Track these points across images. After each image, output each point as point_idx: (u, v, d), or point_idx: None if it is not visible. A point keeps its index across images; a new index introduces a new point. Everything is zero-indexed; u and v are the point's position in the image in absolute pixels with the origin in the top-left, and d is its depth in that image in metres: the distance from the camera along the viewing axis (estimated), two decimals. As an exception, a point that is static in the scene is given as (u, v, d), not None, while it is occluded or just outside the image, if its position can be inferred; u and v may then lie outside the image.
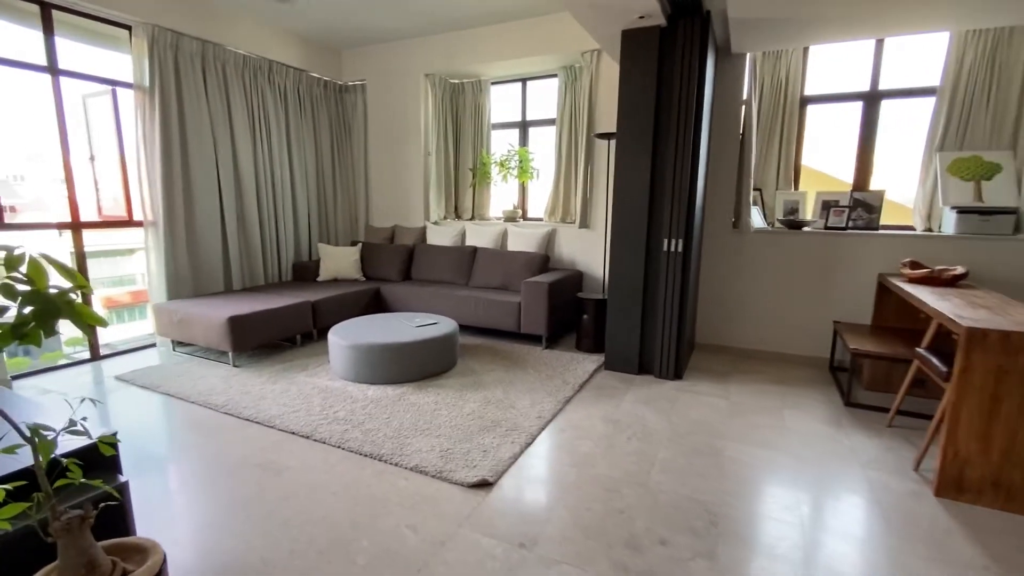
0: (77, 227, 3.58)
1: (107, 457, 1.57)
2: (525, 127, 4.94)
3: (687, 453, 2.37)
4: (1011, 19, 3.02)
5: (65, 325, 1.17)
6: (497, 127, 5.05)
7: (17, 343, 1.12)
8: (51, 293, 1.14)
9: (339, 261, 4.83)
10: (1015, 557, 1.69)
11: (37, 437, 1.12)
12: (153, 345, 4.05)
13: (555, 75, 4.62)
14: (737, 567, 1.63)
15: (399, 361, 3.16)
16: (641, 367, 3.44)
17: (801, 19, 3.06)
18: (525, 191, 5.04)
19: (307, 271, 4.83)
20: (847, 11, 2.92)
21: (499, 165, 4.82)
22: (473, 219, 5.18)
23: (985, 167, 3.33)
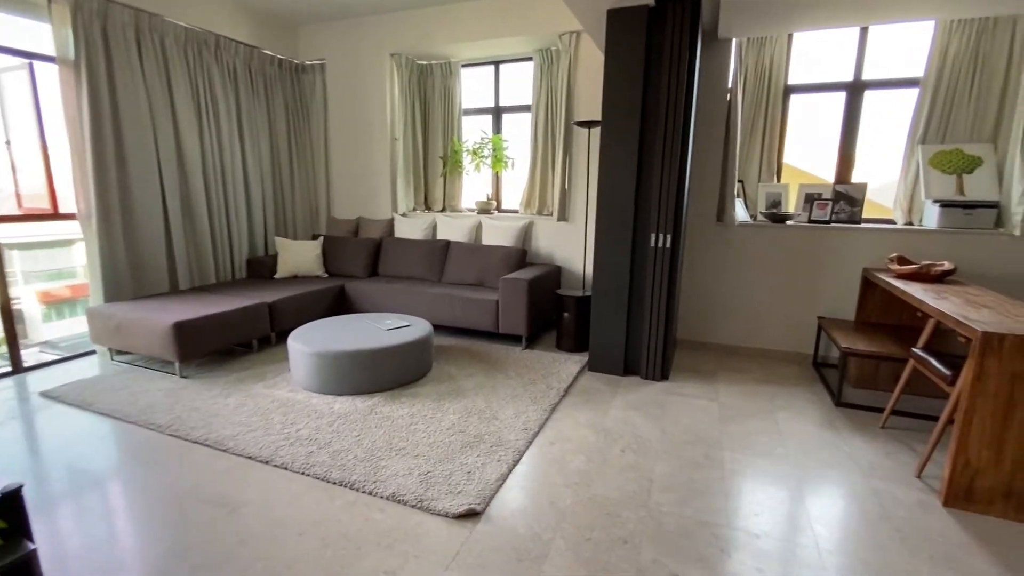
0: (-11, 222, 3.12)
1: (11, 513, 1.26)
2: (499, 113, 4.67)
3: (686, 467, 2.22)
4: (996, 9, 2.96)
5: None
6: (469, 113, 4.77)
7: None
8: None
9: (299, 256, 4.47)
10: (1036, 575, 1.61)
11: None
12: (93, 352, 3.62)
13: (530, 58, 4.37)
14: (757, 604, 1.48)
15: (369, 369, 2.89)
16: (627, 368, 3.29)
17: (790, 1, 2.92)
18: (499, 181, 4.79)
19: (263, 268, 4.45)
20: (841, -5, 2.80)
21: (471, 153, 4.55)
22: (444, 211, 4.90)
23: (967, 160, 3.30)
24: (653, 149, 3.00)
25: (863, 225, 3.49)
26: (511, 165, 4.60)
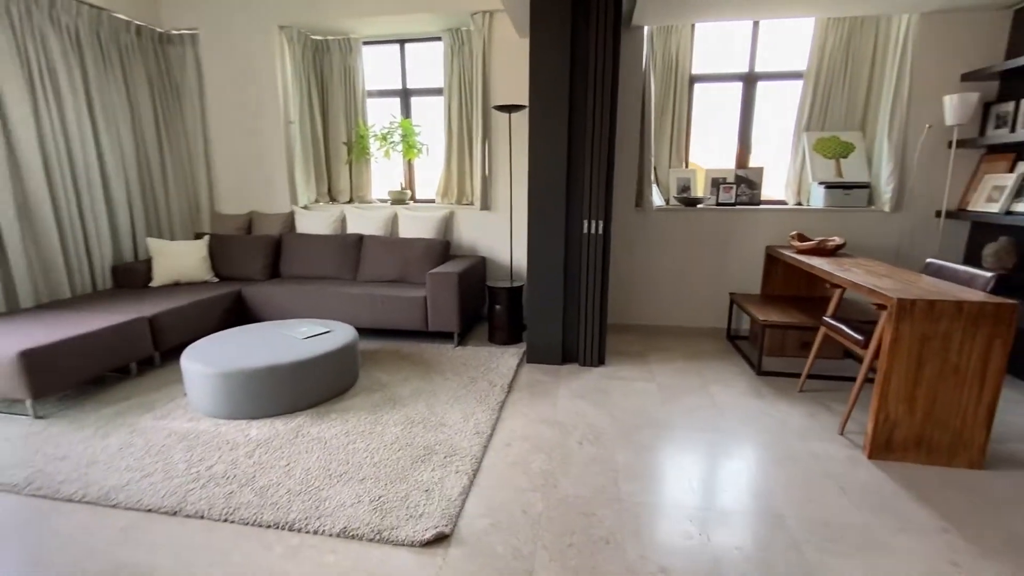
0: None
1: None
2: (407, 96, 4.36)
3: (643, 452, 2.22)
4: (865, 9, 3.32)
5: None
6: (373, 95, 4.39)
7: None
8: None
9: (180, 260, 3.83)
10: (964, 516, 1.82)
11: None
12: None
13: (439, 38, 4.12)
14: (745, 584, 1.49)
15: (288, 385, 2.53)
16: (565, 356, 3.26)
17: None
18: (412, 169, 4.50)
19: (134, 275, 3.74)
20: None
21: (379, 139, 4.20)
22: (352, 202, 4.49)
23: (842, 146, 3.71)
24: (584, 134, 2.95)
25: (763, 207, 3.79)
26: (425, 152, 4.34)
